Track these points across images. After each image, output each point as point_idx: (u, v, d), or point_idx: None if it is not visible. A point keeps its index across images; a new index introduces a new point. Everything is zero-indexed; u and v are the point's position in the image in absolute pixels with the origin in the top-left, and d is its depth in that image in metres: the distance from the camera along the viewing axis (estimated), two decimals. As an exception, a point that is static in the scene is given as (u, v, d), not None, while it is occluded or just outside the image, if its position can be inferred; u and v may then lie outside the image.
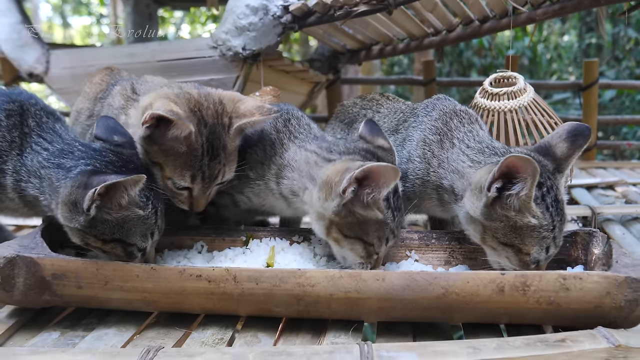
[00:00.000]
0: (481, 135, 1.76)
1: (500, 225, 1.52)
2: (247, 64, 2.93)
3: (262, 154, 1.83)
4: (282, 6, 2.73)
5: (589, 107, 4.77)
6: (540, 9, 3.02)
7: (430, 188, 1.80)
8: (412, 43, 3.70)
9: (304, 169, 1.69)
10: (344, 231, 1.56)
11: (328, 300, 1.41)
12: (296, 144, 1.79)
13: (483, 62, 9.21)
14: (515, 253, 1.54)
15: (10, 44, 3.47)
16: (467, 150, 1.69)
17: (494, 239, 1.56)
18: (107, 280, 1.46)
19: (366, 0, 2.60)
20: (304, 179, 1.67)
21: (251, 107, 1.76)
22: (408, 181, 1.83)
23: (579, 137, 1.63)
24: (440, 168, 1.75)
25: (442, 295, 1.37)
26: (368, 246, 1.57)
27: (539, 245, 1.52)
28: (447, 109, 1.86)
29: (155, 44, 3.59)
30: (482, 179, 1.52)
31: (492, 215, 1.52)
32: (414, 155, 1.83)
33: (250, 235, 1.86)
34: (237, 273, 1.42)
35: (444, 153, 1.76)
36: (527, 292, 1.35)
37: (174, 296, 1.46)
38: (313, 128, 1.88)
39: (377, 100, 2.27)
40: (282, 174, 1.77)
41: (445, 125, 1.81)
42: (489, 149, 1.66)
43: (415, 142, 1.85)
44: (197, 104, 1.69)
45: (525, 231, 1.51)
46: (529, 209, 1.48)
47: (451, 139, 1.77)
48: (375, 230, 1.56)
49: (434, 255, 1.81)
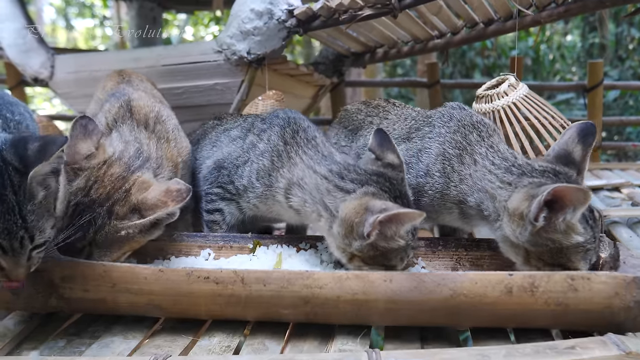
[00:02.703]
0: (502, 150, 1.71)
1: (546, 249, 1.49)
2: (252, 68, 2.92)
3: (270, 165, 1.81)
4: (287, 10, 2.72)
5: (594, 108, 4.74)
6: (545, 12, 3.00)
7: (451, 202, 1.77)
8: (416, 46, 3.68)
9: (315, 195, 1.66)
10: (366, 261, 1.54)
11: (336, 302, 1.41)
12: (304, 162, 1.76)
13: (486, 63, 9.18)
14: (564, 270, 1.49)
15: (15, 49, 3.46)
16: (493, 169, 1.65)
17: (540, 261, 1.52)
18: (115, 283, 1.46)
19: (371, 4, 2.58)
20: (318, 205, 1.65)
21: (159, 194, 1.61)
22: (426, 196, 1.79)
23: (588, 136, 1.62)
24: (463, 184, 1.71)
25: (450, 297, 1.37)
26: (389, 268, 1.55)
27: (584, 260, 1.50)
28: (465, 121, 1.80)
29: (161, 48, 3.59)
30: (522, 206, 1.48)
31: (538, 242, 1.49)
32: (433, 169, 1.78)
33: (258, 242, 1.86)
34: (245, 275, 1.43)
35: (465, 169, 1.72)
36: (535, 293, 1.35)
37: (182, 299, 1.46)
38: (319, 143, 1.83)
39: (383, 107, 2.22)
40: (292, 191, 1.75)
41: (464, 139, 1.76)
42: (515, 167, 1.62)
43: (434, 155, 1.80)
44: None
45: (571, 250, 1.48)
46: (575, 229, 1.46)
47: (472, 154, 1.72)
48: (397, 255, 1.55)
49: (440, 262, 1.81)
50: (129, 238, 1.59)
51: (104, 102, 2.06)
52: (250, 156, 1.89)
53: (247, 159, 1.90)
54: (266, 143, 1.87)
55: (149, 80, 2.57)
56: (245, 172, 1.89)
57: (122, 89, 2.06)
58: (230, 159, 1.97)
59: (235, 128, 2.13)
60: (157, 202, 1.58)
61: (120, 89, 2.08)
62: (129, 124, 1.86)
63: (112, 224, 1.55)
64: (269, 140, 1.86)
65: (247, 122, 2.11)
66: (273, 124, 1.90)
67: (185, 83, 3.10)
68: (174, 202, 1.58)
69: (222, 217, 1.98)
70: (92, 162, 1.61)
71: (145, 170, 1.69)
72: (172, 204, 1.57)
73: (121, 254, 1.62)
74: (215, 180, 1.98)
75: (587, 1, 2.90)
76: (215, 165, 2.02)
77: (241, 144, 1.98)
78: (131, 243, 1.62)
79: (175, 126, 2.03)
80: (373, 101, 2.32)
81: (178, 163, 1.94)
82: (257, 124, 2.00)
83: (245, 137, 1.99)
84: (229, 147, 2.04)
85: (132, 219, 1.56)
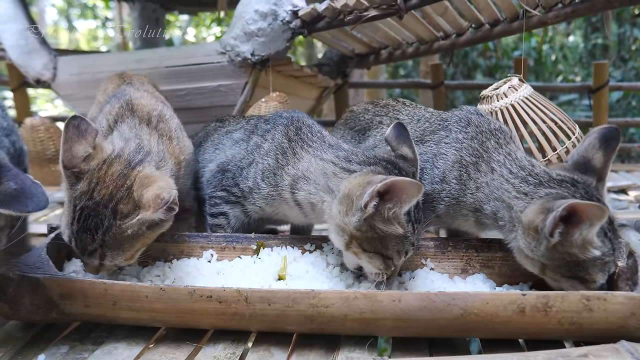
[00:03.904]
0: (520, 158, 1.67)
1: (563, 262, 1.46)
2: (256, 70, 2.91)
3: (274, 164, 1.79)
4: (291, 11, 2.70)
5: (599, 109, 4.73)
6: (552, 12, 2.98)
7: (467, 209, 1.73)
8: (421, 47, 3.67)
9: (320, 180, 1.65)
10: (363, 246, 1.52)
11: (342, 320, 1.38)
12: (310, 153, 1.75)
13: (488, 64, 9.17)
14: (581, 282, 1.48)
15: (18, 50, 3.45)
16: (510, 177, 1.61)
17: (557, 274, 1.49)
18: (116, 301, 1.43)
19: (376, 5, 2.56)
20: (321, 192, 1.64)
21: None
22: (442, 202, 1.76)
23: (611, 141, 1.57)
24: (479, 192, 1.68)
25: (460, 316, 1.33)
26: (387, 259, 1.54)
27: (602, 272, 1.47)
28: (483, 128, 1.76)
29: (164, 50, 3.58)
30: (538, 220, 1.44)
31: (554, 256, 1.45)
32: (450, 177, 1.74)
33: (261, 243, 1.82)
34: (248, 294, 1.39)
35: (482, 177, 1.68)
36: (549, 312, 1.32)
37: (184, 315, 1.43)
38: (326, 136, 1.84)
39: (393, 106, 2.17)
40: (297, 186, 1.73)
41: (481, 146, 1.72)
42: (532, 177, 1.58)
43: (451, 162, 1.75)
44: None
45: (588, 263, 1.45)
46: (592, 243, 1.42)
47: (489, 162, 1.68)
48: (395, 245, 1.52)
49: (450, 263, 1.77)
50: (139, 235, 1.55)
51: (104, 104, 2.03)
52: (255, 157, 1.87)
53: (252, 160, 1.88)
54: (270, 142, 1.85)
55: (150, 82, 2.54)
56: (250, 174, 1.86)
57: (124, 90, 2.04)
58: (235, 161, 1.94)
59: (238, 130, 2.11)
60: (146, 203, 1.53)
61: (122, 90, 2.05)
62: (130, 121, 1.83)
63: (117, 224, 1.52)
64: (273, 139, 1.84)
65: (250, 124, 2.09)
66: (277, 124, 1.89)
67: (189, 85, 3.09)
68: (152, 208, 1.51)
69: (226, 220, 1.95)
70: (91, 164, 1.57)
71: (146, 164, 1.65)
72: (151, 209, 1.51)
73: (134, 252, 1.59)
74: (219, 184, 1.96)
75: (594, 2, 2.89)
76: (219, 168, 2.00)
77: (245, 146, 1.96)
78: (142, 239, 1.58)
79: (177, 125, 2.01)
80: (381, 100, 2.27)
81: (181, 161, 1.92)
82: (261, 125, 1.98)
83: (249, 139, 1.97)
84: (232, 149, 2.02)
85: (134, 216, 1.53)
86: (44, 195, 1.26)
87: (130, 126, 1.81)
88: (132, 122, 1.83)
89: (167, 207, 1.51)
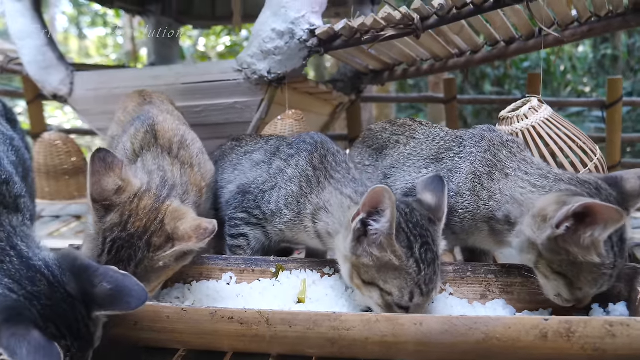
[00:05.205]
0: (537, 162, 1.71)
1: (558, 257, 1.48)
2: (272, 87, 2.91)
3: (298, 191, 1.80)
4: (309, 30, 2.70)
5: (613, 125, 4.69)
6: (569, 31, 2.98)
7: (481, 221, 1.75)
8: (436, 64, 3.66)
9: (337, 214, 1.67)
10: (361, 274, 1.52)
11: (364, 343, 1.37)
12: (332, 184, 1.76)
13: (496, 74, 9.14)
14: (567, 284, 1.50)
15: (35, 65, 3.48)
16: (526, 177, 1.64)
17: (548, 268, 1.51)
18: (137, 321, 1.44)
19: (393, 25, 2.56)
20: (337, 226, 1.65)
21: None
22: (457, 215, 1.77)
23: None
24: (492, 201, 1.70)
25: (482, 341, 1.32)
26: (385, 294, 1.49)
27: (593, 282, 1.47)
28: (495, 141, 1.81)
29: (180, 67, 3.59)
30: (550, 209, 1.46)
31: (553, 248, 1.47)
32: (464, 188, 1.77)
33: (281, 266, 1.82)
34: (270, 316, 1.39)
35: (495, 185, 1.71)
36: (572, 338, 1.30)
37: (205, 336, 1.43)
38: (351, 168, 1.84)
39: (409, 126, 2.19)
40: (318, 216, 1.74)
41: (494, 157, 1.76)
42: (552, 175, 1.61)
43: (465, 174, 1.78)
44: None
45: (584, 267, 1.45)
46: (598, 248, 1.42)
47: (502, 170, 1.72)
48: (394, 278, 1.48)
49: (469, 288, 1.76)
50: (166, 267, 1.57)
51: (127, 125, 2.04)
52: (278, 181, 1.88)
53: (275, 184, 1.89)
54: (294, 168, 1.85)
55: (168, 99, 2.56)
56: (273, 198, 1.87)
57: (147, 112, 2.04)
58: (256, 184, 1.95)
59: (258, 151, 2.11)
60: (184, 235, 1.55)
61: (145, 111, 2.06)
62: (153, 150, 1.85)
63: (150, 256, 1.53)
64: (297, 166, 1.85)
65: (270, 145, 2.10)
66: (301, 149, 1.89)
67: (205, 101, 3.09)
68: (196, 239, 1.55)
69: (246, 242, 1.96)
70: (122, 197, 1.59)
71: (173, 199, 1.68)
72: (194, 240, 1.54)
73: (158, 284, 1.61)
74: (240, 205, 1.96)
75: (611, 21, 2.88)
76: (239, 190, 2.00)
77: (267, 168, 1.97)
78: (167, 271, 1.60)
79: (199, 150, 2.02)
80: (399, 120, 2.29)
81: (202, 187, 1.93)
82: (284, 149, 1.98)
83: (271, 162, 1.97)
84: (253, 172, 2.02)
85: (167, 248, 1.55)
86: (138, 286, 1.24)
87: (154, 156, 1.83)
88: (156, 151, 1.85)
89: (203, 240, 1.53)
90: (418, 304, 1.49)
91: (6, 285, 1.17)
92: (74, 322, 1.19)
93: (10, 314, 1.11)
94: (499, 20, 2.92)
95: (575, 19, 2.95)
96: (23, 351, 1.04)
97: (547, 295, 1.58)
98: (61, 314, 1.18)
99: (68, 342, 1.16)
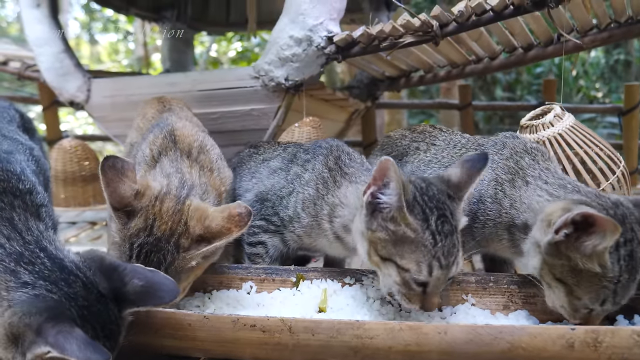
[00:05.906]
0: (560, 174, 1.69)
1: (559, 263, 1.46)
2: (289, 94, 2.91)
3: (315, 193, 1.80)
4: (326, 37, 2.70)
5: (630, 131, 4.64)
6: (588, 37, 2.95)
7: (502, 229, 1.73)
8: (453, 70, 3.64)
9: (353, 201, 1.66)
10: (378, 249, 1.50)
11: (387, 352, 1.35)
12: (347, 179, 1.76)
13: (508, 79, 9.09)
14: (567, 292, 1.48)
15: (53, 72, 3.51)
16: (545, 186, 1.63)
17: (550, 275, 1.50)
18: (158, 329, 1.43)
19: (412, 32, 2.55)
20: (354, 212, 1.64)
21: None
22: (478, 222, 1.76)
23: None
24: (512, 209, 1.68)
25: (507, 350, 1.30)
26: (402, 271, 1.47)
27: (595, 294, 1.44)
28: (518, 148, 1.79)
29: (196, 74, 3.61)
30: (555, 214, 1.45)
31: (554, 253, 1.46)
32: (485, 195, 1.76)
33: (301, 276, 1.81)
34: (292, 324, 1.38)
35: (516, 192, 1.69)
36: (599, 348, 1.28)
37: (227, 344, 1.42)
38: (365, 163, 1.86)
39: (429, 132, 2.18)
40: (335, 213, 1.74)
41: (516, 164, 1.74)
42: (571, 185, 1.60)
43: (487, 181, 1.77)
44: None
45: (583, 275, 1.43)
46: (601, 259, 1.40)
47: (524, 177, 1.70)
48: (410, 252, 1.45)
49: (491, 299, 1.73)
50: (196, 267, 1.57)
51: (146, 132, 2.04)
52: (295, 186, 1.88)
53: (292, 189, 1.89)
54: (311, 172, 1.86)
55: (186, 105, 2.56)
56: (290, 203, 1.87)
57: (166, 119, 2.04)
58: (274, 191, 1.94)
59: (275, 158, 2.11)
60: (221, 229, 1.55)
61: (164, 118, 2.06)
62: (172, 154, 1.84)
63: (180, 257, 1.53)
64: (313, 169, 1.85)
65: (287, 153, 2.09)
66: (317, 154, 1.90)
67: (221, 108, 3.10)
68: (237, 228, 1.55)
69: (265, 249, 1.95)
70: (143, 201, 1.58)
71: (192, 198, 1.67)
72: (236, 230, 1.55)
73: (187, 284, 1.61)
74: (258, 213, 1.95)
75: (631, 27, 2.86)
76: (257, 197, 2.00)
77: (284, 175, 1.96)
78: (196, 271, 1.60)
79: (218, 155, 2.01)
80: (418, 127, 2.28)
81: (222, 192, 1.92)
82: (300, 155, 1.98)
83: (288, 169, 1.97)
84: (270, 179, 2.02)
85: (198, 247, 1.54)
86: (168, 280, 1.26)
87: (171, 160, 1.82)
88: (174, 155, 1.84)
89: (244, 225, 1.55)
90: (438, 278, 1.45)
91: (43, 286, 1.17)
92: (108, 322, 1.20)
93: (54, 313, 1.11)
94: (518, 26, 2.91)
95: (595, 25, 2.93)
96: (73, 347, 1.04)
97: (553, 307, 1.54)
98: (96, 314, 1.18)
99: (101, 342, 1.15)
